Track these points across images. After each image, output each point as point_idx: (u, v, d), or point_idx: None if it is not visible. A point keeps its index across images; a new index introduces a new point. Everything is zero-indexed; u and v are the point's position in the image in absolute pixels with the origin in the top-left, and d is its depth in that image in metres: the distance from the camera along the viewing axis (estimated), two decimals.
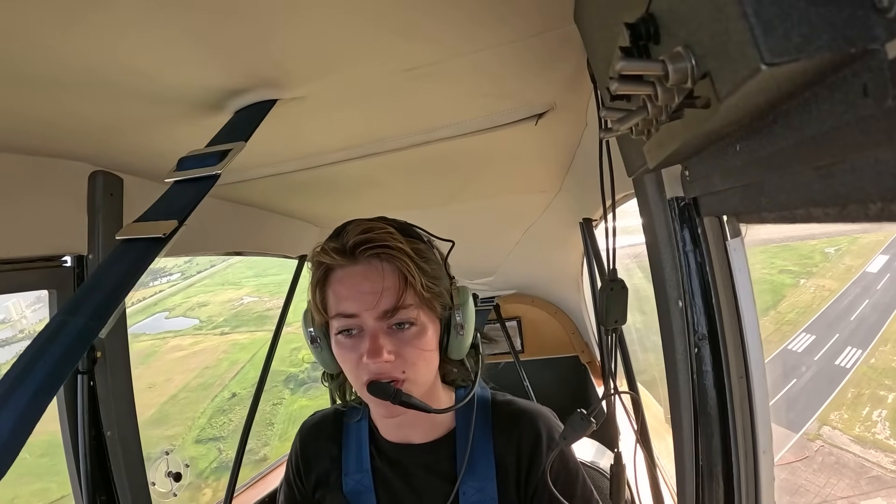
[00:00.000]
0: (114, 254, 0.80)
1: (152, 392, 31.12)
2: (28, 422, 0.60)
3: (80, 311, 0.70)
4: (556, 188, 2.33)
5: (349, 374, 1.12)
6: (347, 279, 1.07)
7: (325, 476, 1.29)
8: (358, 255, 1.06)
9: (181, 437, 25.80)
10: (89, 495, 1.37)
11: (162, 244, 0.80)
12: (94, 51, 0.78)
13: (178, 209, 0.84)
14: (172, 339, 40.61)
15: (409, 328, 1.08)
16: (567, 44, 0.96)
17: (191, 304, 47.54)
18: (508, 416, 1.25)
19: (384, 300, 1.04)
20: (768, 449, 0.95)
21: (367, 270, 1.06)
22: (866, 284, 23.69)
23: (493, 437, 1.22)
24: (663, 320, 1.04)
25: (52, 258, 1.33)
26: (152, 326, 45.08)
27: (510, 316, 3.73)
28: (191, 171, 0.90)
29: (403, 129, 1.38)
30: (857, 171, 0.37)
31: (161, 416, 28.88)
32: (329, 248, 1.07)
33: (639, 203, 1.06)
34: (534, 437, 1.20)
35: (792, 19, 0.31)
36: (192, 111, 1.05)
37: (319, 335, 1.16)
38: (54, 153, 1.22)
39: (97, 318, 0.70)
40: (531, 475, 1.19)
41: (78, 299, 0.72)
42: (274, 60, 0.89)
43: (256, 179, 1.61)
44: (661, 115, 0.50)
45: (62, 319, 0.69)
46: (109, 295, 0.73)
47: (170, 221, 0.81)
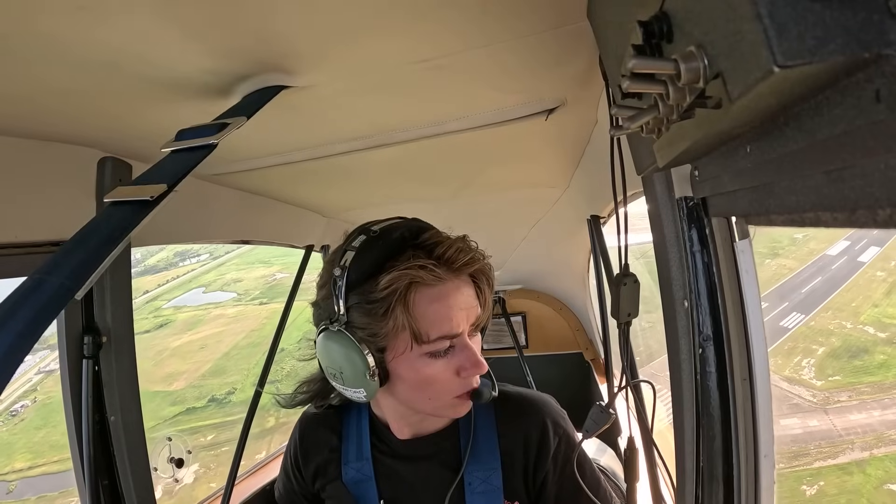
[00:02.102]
0: (99, 216, 0.78)
1: (205, 351, 35.76)
2: None
3: (56, 270, 0.67)
4: (564, 184, 2.32)
5: (434, 392, 1.08)
6: (446, 298, 1.03)
7: (324, 466, 1.30)
8: (450, 273, 1.04)
9: (240, 382, 29.19)
10: (92, 480, 1.37)
11: (149, 207, 0.77)
12: (104, 37, 0.78)
13: (170, 175, 0.81)
14: (214, 309, 44.83)
15: (477, 332, 1.11)
16: (579, 40, 0.95)
17: (225, 280, 51.48)
18: (512, 406, 1.26)
19: (479, 312, 1.07)
20: (770, 453, 0.95)
21: (459, 286, 1.05)
22: (823, 265, 27.84)
23: (498, 427, 1.23)
24: (668, 320, 1.04)
25: (61, 243, 1.33)
26: (193, 300, 49.26)
27: (515, 311, 3.72)
28: (188, 142, 0.89)
29: (413, 121, 1.37)
30: (868, 176, 0.37)
31: (217, 369, 33.01)
32: (429, 265, 1.01)
33: (647, 202, 1.06)
34: (541, 426, 1.21)
35: (806, 22, 0.31)
36: (202, 97, 1.05)
37: (377, 364, 1.05)
38: (63, 139, 1.22)
39: (73, 279, 0.67)
40: (540, 463, 1.20)
41: (56, 259, 0.69)
42: (284, 46, 0.89)
43: (264, 168, 1.61)
44: (672, 114, 0.50)
45: (39, 278, 0.66)
46: (89, 257, 0.70)
47: (159, 185, 0.78)
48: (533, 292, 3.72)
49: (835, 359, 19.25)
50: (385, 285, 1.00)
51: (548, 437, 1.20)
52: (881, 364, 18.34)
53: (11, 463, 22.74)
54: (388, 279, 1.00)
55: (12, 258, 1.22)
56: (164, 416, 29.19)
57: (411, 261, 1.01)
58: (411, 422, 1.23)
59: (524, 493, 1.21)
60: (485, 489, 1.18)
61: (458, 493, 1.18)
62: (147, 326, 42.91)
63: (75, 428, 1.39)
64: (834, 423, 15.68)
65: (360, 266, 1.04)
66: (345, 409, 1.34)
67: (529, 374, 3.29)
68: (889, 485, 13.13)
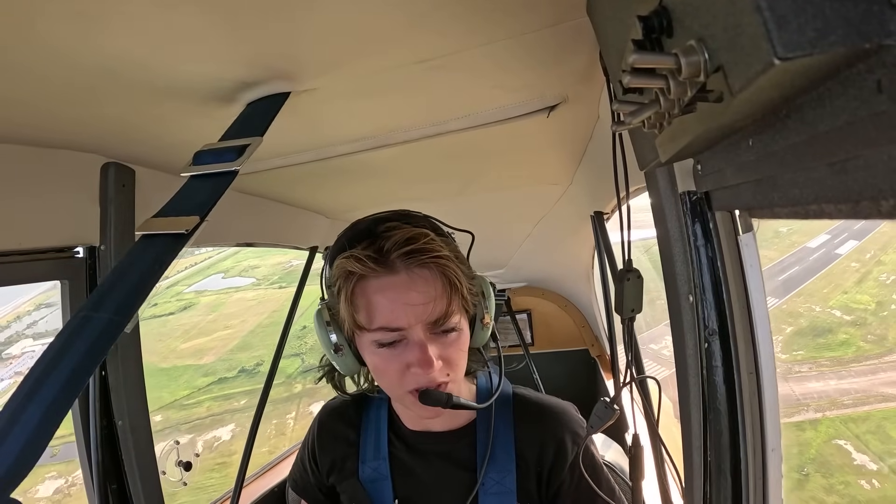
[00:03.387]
0: (135, 249, 0.79)
1: (230, 330, 38.60)
2: (54, 417, 0.60)
3: (103, 306, 0.70)
4: (567, 181, 2.32)
5: (387, 383, 1.09)
6: (390, 290, 1.01)
7: (340, 461, 1.30)
8: (400, 264, 1.01)
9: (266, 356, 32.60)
10: (100, 484, 1.38)
11: (184, 240, 0.80)
12: (106, 43, 0.78)
13: (199, 205, 0.83)
14: (235, 293, 47.52)
15: (452, 332, 1.06)
16: (579, 36, 0.95)
17: (242, 266, 54.10)
18: (532, 411, 1.25)
19: (435, 310, 1.02)
20: (777, 446, 0.94)
21: (413, 280, 1.01)
22: (802, 256, 29.23)
23: (515, 431, 1.22)
24: (674, 315, 1.04)
25: (65, 249, 1.34)
26: (213, 285, 51.78)
27: (520, 308, 3.73)
28: (209, 167, 0.89)
29: (415, 121, 1.37)
30: (871, 167, 0.37)
31: (244, 344, 35.93)
32: (363, 256, 1.00)
33: (650, 197, 1.06)
34: (559, 435, 1.20)
35: (806, 14, 0.31)
36: (205, 104, 1.05)
37: (343, 343, 1.10)
38: (67, 145, 1.22)
39: (121, 314, 0.70)
40: (555, 472, 1.19)
41: (100, 295, 0.72)
42: (287, 52, 0.89)
43: (267, 171, 1.61)
44: (673, 108, 0.50)
45: (86, 315, 0.69)
46: (132, 290, 0.73)
47: (191, 217, 0.81)
48: (537, 289, 3.72)
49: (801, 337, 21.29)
50: (332, 273, 1.07)
51: (565, 447, 1.19)
52: (842, 342, 20.46)
53: None
54: (334, 267, 1.06)
55: (17, 265, 1.22)
56: (198, 385, 31.65)
57: (352, 252, 1.02)
58: (409, 413, 1.24)
59: (537, 497, 1.20)
60: (498, 490, 1.18)
61: (471, 494, 1.18)
62: (171, 309, 45.60)
63: (83, 432, 1.40)
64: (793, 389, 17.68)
65: (331, 253, 1.10)
66: (364, 402, 1.34)
67: (536, 372, 3.29)
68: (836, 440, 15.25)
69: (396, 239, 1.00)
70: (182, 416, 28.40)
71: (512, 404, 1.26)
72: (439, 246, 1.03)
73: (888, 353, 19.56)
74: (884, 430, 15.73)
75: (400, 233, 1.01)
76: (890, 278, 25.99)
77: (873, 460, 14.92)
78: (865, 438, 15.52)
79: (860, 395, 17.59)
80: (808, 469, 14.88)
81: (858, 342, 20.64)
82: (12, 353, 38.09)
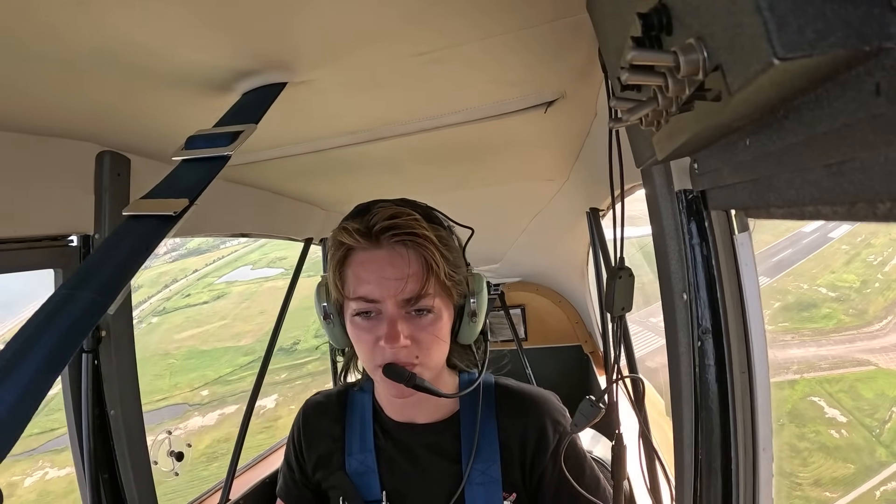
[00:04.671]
0: (121, 229, 0.78)
1: (265, 315, 40.75)
2: (31, 399, 0.57)
3: (86, 285, 0.68)
4: (563, 177, 2.32)
5: (362, 355, 1.13)
6: (371, 263, 1.06)
7: (327, 456, 1.30)
8: (383, 239, 1.05)
9: (302, 336, 33.26)
10: (92, 474, 1.37)
11: (172, 223, 0.78)
12: (103, 30, 0.77)
13: (189, 188, 0.82)
14: (265, 283, 49.99)
15: (427, 315, 1.09)
16: (578, 32, 0.95)
17: (270, 258, 56.35)
18: (514, 400, 1.26)
19: (408, 288, 1.04)
20: (768, 446, 0.95)
21: (392, 256, 1.06)
22: (796, 239, 30.55)
23: (498, 421, 1.23)
24: (667, 312, 1.04)
25: (59, 237, 1.33)
26: (243, 275, 54.39)
27: (515, 303, 3.73)
28: (200, 151, 0.89)
29: (412, 115, 1.37)
30: (868, 169, 0.37)
31: None
32: (352, 228, 1.06)
33: (646, 194, 1.06)
34: (541, 423, 1.22)
35: (806, 14, 0.31)
36: (202, 92, 1.04)
37: (333, 312, 1.16)
38: (62, 133, 1.22)
39: (104, 294, 0.68)
40: (538, 460, 1.20)
41: (83, 274, 0.70)
42: (285, 43, 0.89)
43: (262, 162, 1.61)
44: (671, 106, 0.50)
45: (67, 293, 0.67)
46: (117, 271, 0.71)
47: (180, 200, 0.79)
48: (532, 285, 3.73)
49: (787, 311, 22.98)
50: (329, 244, 1.16)
51: (547, 435, 1.21)
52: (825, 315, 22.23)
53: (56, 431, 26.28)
54: (329, 238, 1.14)
55: (11, 253, 1.22)
56: (240, 363, 33.63)
57: (344, 224, 1.09)
58: (386, 398, 1.26)
59: (521, 485, 1.21)
60: (483, 481, 1.19)
61: (457, 485, 1.19)
62: (205, 298, 48.36)
63: (75, 422, 1.39)
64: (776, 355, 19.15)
65: (335, 229, 1.14)
66: (347, 396, 1.35)
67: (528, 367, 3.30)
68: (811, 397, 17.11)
69: (382, 215, 1.05)
70: (227, 389, 30.02)
71: (494, 395, 1.27)
72: (422, 227, 1.06)
73: (866, 325, 21.04)
74: (855, 389, 17.41)
75: (386, 210, 1.06)
76: (877, 259, 26.91)
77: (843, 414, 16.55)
78: (838, 396, 17.15)
79: (836, 360, 19.19)
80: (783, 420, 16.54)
81: (840, 315, 22.14)
82: None
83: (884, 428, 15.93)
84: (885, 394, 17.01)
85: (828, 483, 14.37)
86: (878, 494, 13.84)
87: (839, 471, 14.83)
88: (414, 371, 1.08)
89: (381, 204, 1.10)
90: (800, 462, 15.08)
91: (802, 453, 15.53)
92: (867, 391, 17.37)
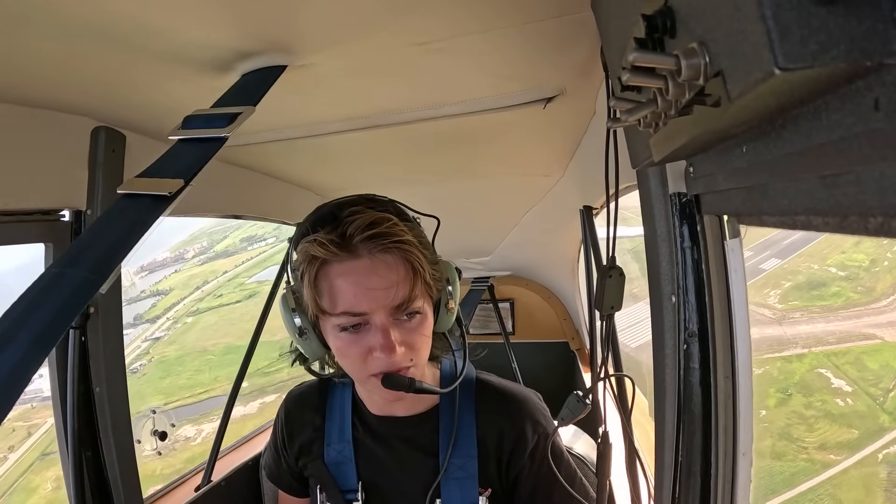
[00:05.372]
0: (115, 208, 0.77)
1: None
2: (21, 375, 0.57)
3: (78, 263, 0.68)
4: (559, 173, 2.32)
5: (351, 367, 1.09)
6: (352, 275, 1.01)
7: (308, 445, 1.31)
8: (362, 248, 1.00)
9: None
10: (75, 451, 1.37)
11: (166, 203, 0.78)
12: (104, 4, 0.76)
13: (184, 168, 0.82)
14: None
15: (416, 317, 1.07)
16: (582, 29, 0.95)
17: None
18: (494, 397, 1.26)
19: (397, 295, 1.02)
20: (748, 451, 0.95)
21: (375, 265, 1.01)
22: None
23: (477, 416, 1.23)
24: (655, 314, 1.04)
25: (50, 212, 1.32)
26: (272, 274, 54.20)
27: (504, 297, 3.73)
28: (197, 132, 0.88)
29: (411, 103, 1.36)
30: (862, 183, 0.37)
31: None
32: (326, 240, 1.00)
33: (640, 196, 1.06)
34: (520, 423, 1.22)
35: (810, 26, 0.31)
36: (200, 71, 1.04)
37: (308, 327, 1.10)
38: (57, 107, 1.20)
39: (97, 273, 0.68)
40: (514, 459, 1.21)
41: (76, 252, 0.70)
42: (287, 24, 0.88)
43: (258, 144, 1.60)
44: (670, 109, 0.50)
45: (59, 271, 0.67)
46: (110, 250, 0.71)
47: (176, 180, 0.79)
48: (522, 279, 3.73)
49: (797, 290, 23.89)
50: (297, 257, 1.07)
51: (525, 435, 1.21)
52: (834, 293, 23.05)
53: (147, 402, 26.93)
54: (299, 252, 1.06)
55: (3, 226, 1.20)
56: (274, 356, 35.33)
57: (315, 236, 1.02)
58: (374, 398, 1.25)
59: (497, 482, 1.22)
60: (460, 475, 1.19)
61: (434, 479, 1.19)
62: (237, 298, 49.03)
63: (60, 398, 1.39)
64: (785, 331, 20.08)
65: (296, 237, 1.11)
66: (329, 387, 1.35)
67: (515, 361, 3.30)
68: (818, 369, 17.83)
69: (359, 223, 1.00)
70: (266, 381, 30.44)
71: (475, 390, 1.27)
72: (402, 231, 1.03)
73: (874, 302, 21.64)
74: (861, 361, 18.07)
75: (363, 217, 1.01)
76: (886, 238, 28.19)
77: (849, 384, 17.26)
78: (844, 368, 17.85)
79: (844, 335, 19.80)
80: (791, 391, 17.33)
81: (849, 293, 22.79)
82: None
83: (887, 396, 16.71)
84: (890, 365, 17.81)
85: (832, 447, 15.00)
86: (881, 457, 14.55)
87: (843, 436, 15.53)
88: (409, 374, 1.07)
89: (352, 209, 1.04)
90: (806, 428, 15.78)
91: (809, 420, 16.25)
92: (872, 363, 18.14)
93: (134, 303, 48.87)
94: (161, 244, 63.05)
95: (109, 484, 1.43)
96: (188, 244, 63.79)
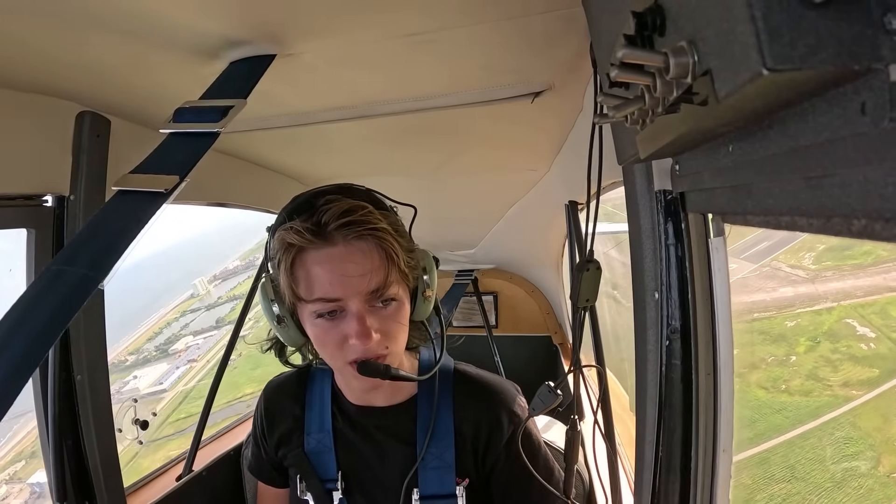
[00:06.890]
0: (111, 204, 0.78)
1: None
2: (21, 374, 0.58)
3: (77, 261, 0.69)
4: (545, 168, 2.32)
5: (328, 354, 1.10)
6: (328, 262, 1.02)
7: (287, 435, 1.31)
8: (337, 236, 1.01)
9: None
10: (56, 439, 1.35)
11: (163, 199, 0.79)
12: None
13: (179, 164, 0.82)
14: None
15: (391, 304, 1.08)
16: (571, 25, 0.95)
17: None
18: (471, 388, 1.27)
19: (372, 282, 1.02)
20: (728, 448, 0.96)
21: (350, 252, 1.02)
22: None
23: (454, 406, 1.24)
24: (638, 310, 1.05)
25: (33, 197, 1.30)
26: None
27: (487, 290, 3.74)
28: (190, 125, 0.88)
29: (399, 95, 1.36)
30: (846, 186, 0.37)
31: None
32: (301, 227, 1.01)
33: (626, 192, 1.06)
34: (496, 413, 1.22)
35: (800, 28, 0.31)
36: (189, 58, 1.03)
37: (286, 314, 1.11)
38: (42, 90, 1.19)
39: (96, 270, 0.69)
40: (490, 449, 1.22)
41: (74, 249, 0.70)
42: (275, 14, 0.87)
43: (245, 132, 1.58)
44: (657, 106, 0.50)
45: (59, 269, 0.67)
46: (108, 246, 0.72)
47: (171, 177, 0.80)
48: (506, 273, 3.74)
49: (830, 251, 24.19)
50: (273, 245, 1.07)
51: (501, 425, 1.21)
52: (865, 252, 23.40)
53: (243, 390, 28.66)
54: (274, 240, 1.07)
55: None
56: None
57: (291, 224, 1.03)
58: (352, 386, 1.25)
59: (474, 471, 1.23)
60: (437, 465, 1.20)
61: (411, 467, 1.20)
62: None
63: (41, 386, 1.37)
64: (817, 289, 21.09)
65: (273, 226, 1.10)
66: (308, 377, 1.35)
67: (497, 354, 3.32)
68: (845, 319, 18.95)
69: (334, 211, 1.01)
70: None
71: (452, 380, 1.27)
72: (377, 218, 1.04)
73: None
74: (886, 311, 19.34)
75: (338, 205, 1.02)
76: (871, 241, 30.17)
77: (872, 331, 18.44)
78: (869, 317, 19.03)
79: (871, 288, 20.93)
80: (819, 339, 18.46)
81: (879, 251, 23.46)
82: (178, 348, 41.74)
83: None
84: None
85: (854, 384, 16.13)
86: None
87: (865, 374, 16.70)
88: (385, 361, 1.08)
89: (327, 197, 1.05)
90: (831, 369, 16.90)
91: (834, 363, 17.42)
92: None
93: (213, 308, 50.78)
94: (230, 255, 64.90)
95: (90, 472, 1.42)
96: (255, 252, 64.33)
